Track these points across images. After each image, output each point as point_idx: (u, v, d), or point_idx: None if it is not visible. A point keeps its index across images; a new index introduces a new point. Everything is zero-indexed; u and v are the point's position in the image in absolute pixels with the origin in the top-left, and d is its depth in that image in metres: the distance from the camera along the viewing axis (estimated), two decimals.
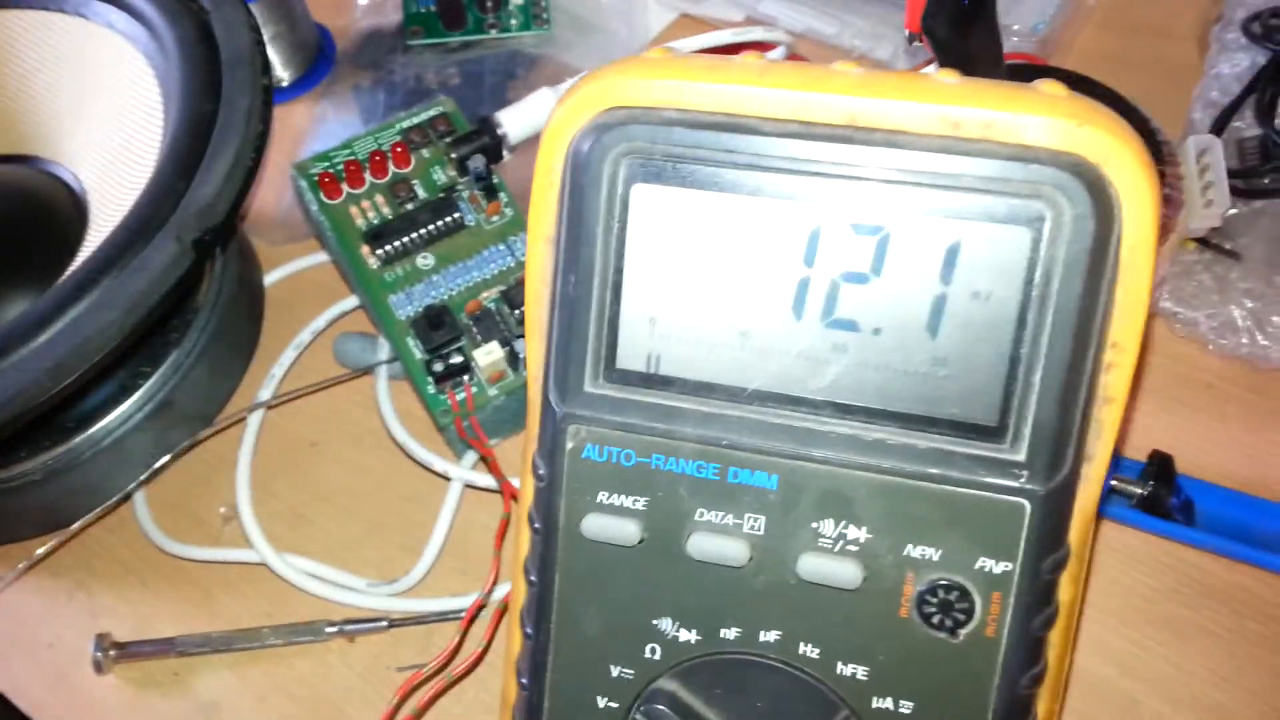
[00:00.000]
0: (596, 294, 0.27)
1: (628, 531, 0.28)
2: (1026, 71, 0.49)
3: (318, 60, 0.63)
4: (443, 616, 0.42)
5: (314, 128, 0.60)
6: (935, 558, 0.26)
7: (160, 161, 0.40)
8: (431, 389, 0.43)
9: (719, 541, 0.27)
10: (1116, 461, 0.42)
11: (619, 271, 0.27)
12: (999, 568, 0.26)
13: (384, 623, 0.42)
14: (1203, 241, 0.46)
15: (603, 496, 0.28)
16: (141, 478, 0.44)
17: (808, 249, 0.26)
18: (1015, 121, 0.24)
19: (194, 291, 0.47)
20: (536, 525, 0.29)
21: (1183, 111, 0.50)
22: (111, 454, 0.44)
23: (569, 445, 0.28)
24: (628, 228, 0.26)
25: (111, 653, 0.42)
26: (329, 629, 0.42)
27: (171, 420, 0.46)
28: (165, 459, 0.44)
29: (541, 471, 0.28)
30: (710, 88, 0.26)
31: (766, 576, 0.27)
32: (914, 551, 0.26)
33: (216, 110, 0.41)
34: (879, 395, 0.26)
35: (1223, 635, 0.39)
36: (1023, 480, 0.26)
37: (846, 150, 0.25)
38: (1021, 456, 0.26)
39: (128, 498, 0.46)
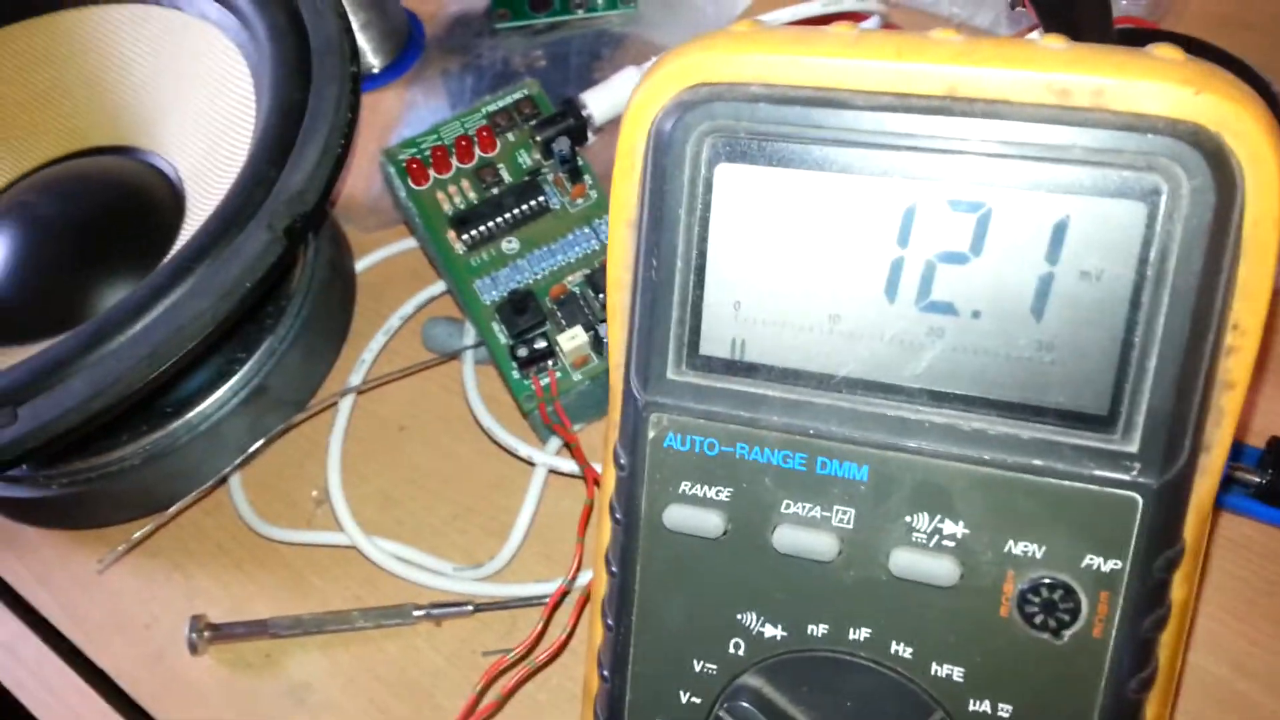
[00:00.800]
0: (679, 279, 0.26)
1: (711, 523, 0.27)
2: (1137, 36, 0.47)
3: (407, 46, 0.63)
4: (527, 602, 0.42)
5: (404, 114, 0.61)
6: (1038, 555, 0.25)
7: (252, 150, 0.41)
8: (516, 374, 0.42)
9: (806, 535, 0.26)
10: (1234, 448, 0.40)
11: (702, 255, 0.26)
12: (1108, 566, 0.24)
13: (469, 607, 0.42)
14: None
15: (685, 487, 0.27)
16: (236, 462, 0.45)
17: (902, 228, 0.25)
18: (1128, 88, 0.23)
19: (287, 278, 0.47)
20: (618, 516, 0.28)
21: None
22: (207, 439, 0.45)
23: (651, 434, 0.27)
24: (711, 209, 0.26)
25: (206, 634, 0.43)
26: (416, 612, 0.42)
27: (265, 405, 0.46)
28: (259, 444, 0.45)
29: (623, 461, 0.28)
30: (799, 60, 0.24)
31: (856, 572, 0.26)
32: (1015, 548, 0.25)
33: (306, 98, 0.41)
34: (978, 382, 0.25)
35: None
36: (1135, 473, 0.24)
37: (945, 122, 0.24)
38: (1134, 448, 0.24)
39: (223, 481, 0.47)
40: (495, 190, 0.45)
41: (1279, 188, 0.23)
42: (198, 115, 0.47)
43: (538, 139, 0.46)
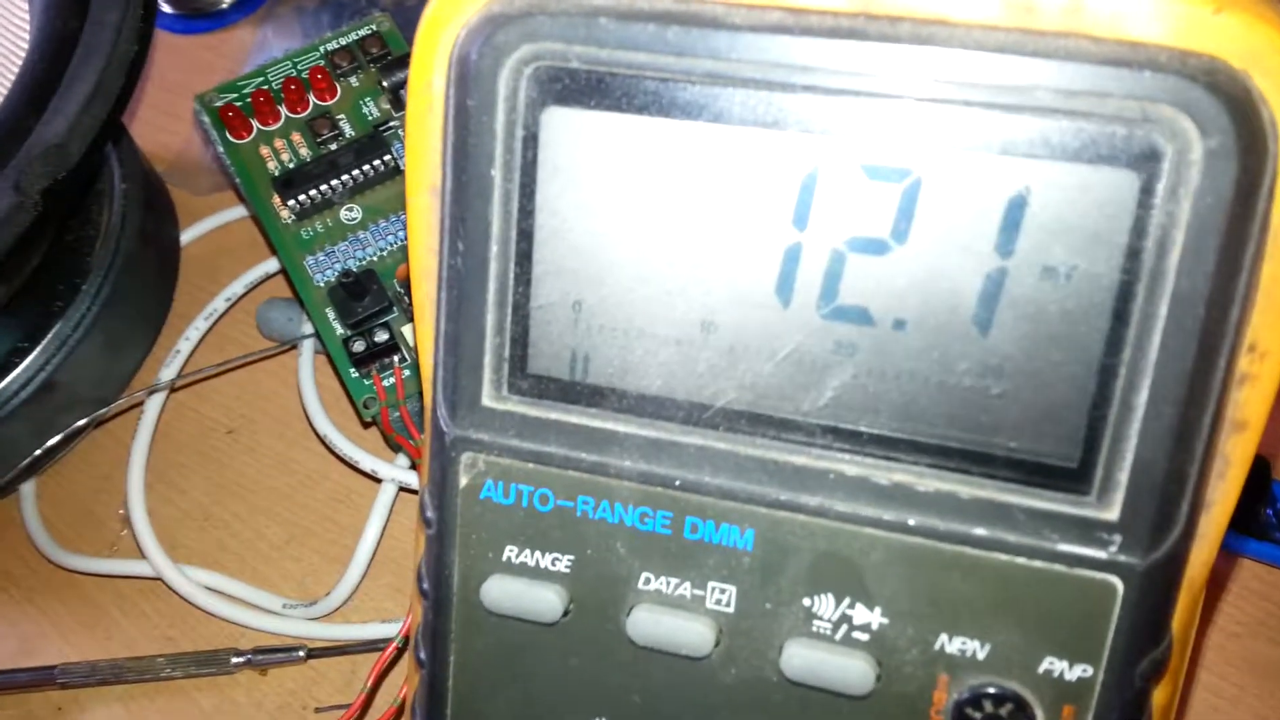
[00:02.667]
0: (495, 268, 0.19)
1: (545, 602, 0.20)
2: None
3: None
4: (370, 646, 0.35)
5: (253, 56, 0.52)
6: (980, 655, 0.18)
7: (9, 92, 0.32)
8: (354, 372, 0.35)
9: (671, 620, 0.19)
10: None
11: (527, 236, 0.18)
12: (1074, 672, 0.18)
13: (300, 653, 0.35)
14: None
15: (511, 553, 0.20)
16: (11, 474, 0.37)
17: (799, 203, 0.18)
18: (1117, 3, 0.16)
19: (84, 251, 0.39)
20: (425, 588, 0.21)
21: None
22: None
23: (463, 481, 0.20)
24: (537, 171, 0.18)
25: None
26: (236, 659, 0.36)
27: (57, 405, 0.39)
28: (38, 452, 0.37)
29: (429, 515, 0.20)
30: None
31: (739, 671, 0.19)
32: (950, 645, 0.18)
33: (82, 28, 0.33)
34: (901, 419, 0.18)
35: None
36: (1114, 549, 0.17)
37: (857, 52, 0.16)
38: (1113, 514, 0.17)
39: (5, 495, 0.39)
40: (333, 146, 0.37)
41: None
42: None
43: (385, 85, 0.38)
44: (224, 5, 0.54)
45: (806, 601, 0.19)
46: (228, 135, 0.37)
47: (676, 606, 0.19)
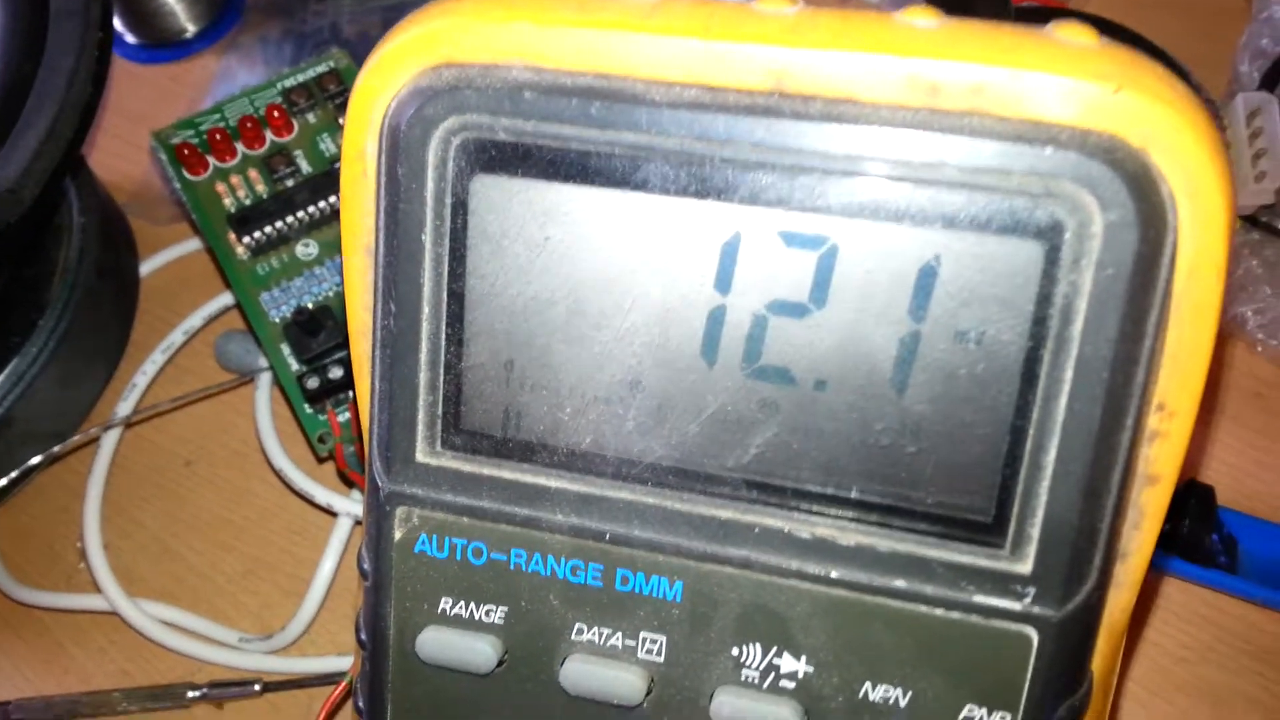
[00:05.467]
0: (427, 329, 0.19)
1: (480, 653, 0.20)
2: (1036, 15, 0.41)
3: (226, 7, 0.55)
4: (327, 680, 0.35)
5: (215, 86, 0.52)
6: (902, 702, 0.19)
7: None
8: (308, 408, 0.35)
9: (604, 670, 0.20)
10: None
11: (458, 298, 0.19)
12: (993, 719, 0.18)
13: (256, 686, 0.35)
14: (1251, 220, 0.39)
15: (445, 605, 0.20)
16: None
17: (721, 268, 0.18)
18: (1018, 84, 0.16)
19: (40, 287, 0.39)
20: (362, 638, 0.21)
21: (1227, 63, 0.42)
22: None
23: (398, 534, 0.20)
24: (468, 237, 0.19)
25: None
26: (191, 693, 0.36)
27: (13, 440, 0.39)
28: None
29: (365, 567, 0.21)
30: (576, 35, 0.18)
31: (671, 718, 0.20)
32: (873, 693, 0.19)
33: (36, 72, 0.33)
34: (823, 474, 0.18)
35: (1270, 703, 0.33)
36: (1028, 601, 0.18)
37: (771, 128, 0.17)
38: (1026, 567, 0.18)
39: None
40: (290, 183, 0.37)
41: (1225, 221, 0.17)
42: None
43: (342, 121, 0.38)
44: (188, 35, 0.54)
45: (735, 651, 0.19)
46: (184, 172, 0.37)
47: (608, 656, 0.20)
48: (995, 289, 0.17)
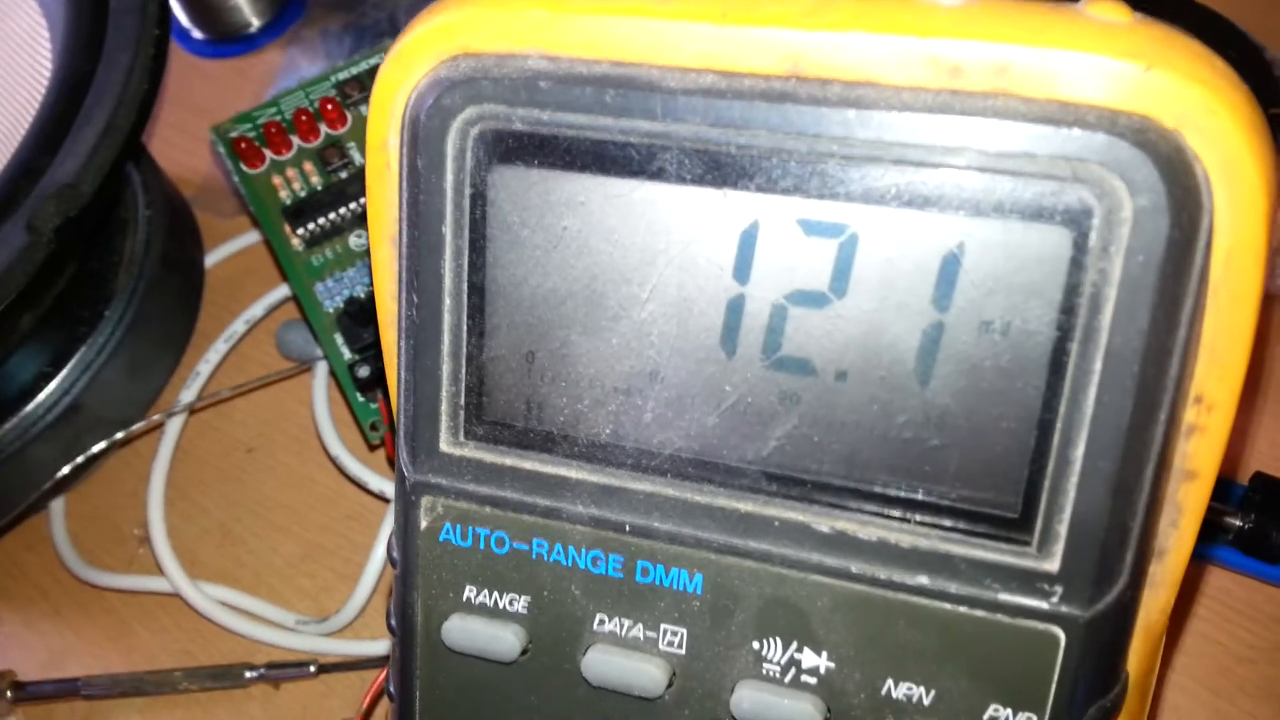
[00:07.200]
0: (449, 320, 0.19)
1: (504, 641, 0.20)
2: None
3: (290, 1, 0.56)
4: (378, 662, 0.36)
5: (279, 79, 0.53)
6: (926, 701, 0.18)
7: (26, 133, 0.33)
8: (360, 396, 0.36)
9: (625, 661, 0.20)
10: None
11: (478, 290, 0.19)
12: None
13: (311, 668, 0.36)
14: None
15: (470, 593, 0.20)
16: (38, 493, 0.38)
17: (739, 257, 0.18)
18: (1045, 63, 0.16)
19: (108, 278, 0.40)
20: (392, 625, 0.21)
21: None
22: (13, 466, 0.39)
23: (423, 523, 0.20)
24: (487, 229, 0.19)
25: (9, 694, 0.37)
26: (249, 673, 0.37)
27: (82, 426, 0.40)
28: (65, 470, 0.38)
29: (394, 555, 0.21)
30: (591, 22, 0.17)
31: (692, 711, 0.20)
32: (896, 690, 0.18)
33: (95, 69, 0.34)
34: (844, 467, 0.18)
35: None
36: (1055, 600, 0.17)
37: (788, 113, 0.17)
38: (1054, 565, 0.17)
39: (34, 512, 0.40)
40: (343, 174, 0.38)
41: (1265, 205, 0.16)
42: None
43: None
44: (252, 30, 0.55)
45: (756, 645, 0.19)
46: (242, 165, 0.38)
47: (630, 648, 0.20)
48: (1021, 277, 0.16)
